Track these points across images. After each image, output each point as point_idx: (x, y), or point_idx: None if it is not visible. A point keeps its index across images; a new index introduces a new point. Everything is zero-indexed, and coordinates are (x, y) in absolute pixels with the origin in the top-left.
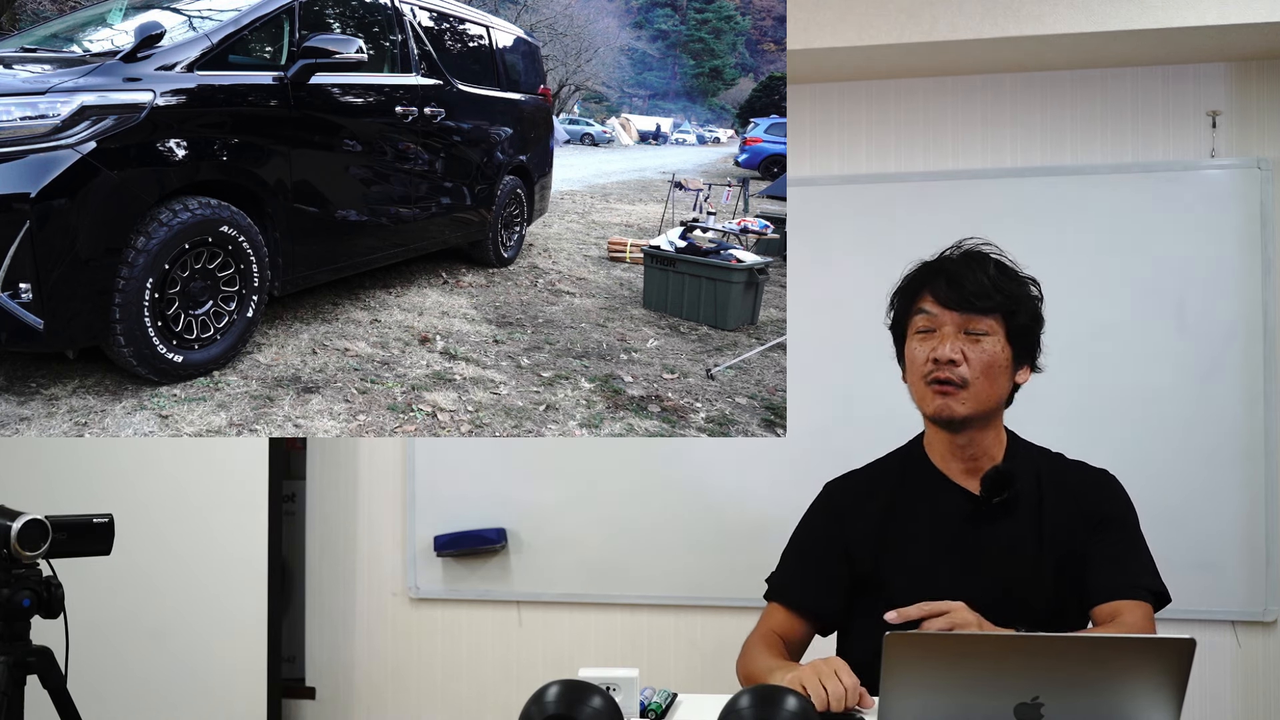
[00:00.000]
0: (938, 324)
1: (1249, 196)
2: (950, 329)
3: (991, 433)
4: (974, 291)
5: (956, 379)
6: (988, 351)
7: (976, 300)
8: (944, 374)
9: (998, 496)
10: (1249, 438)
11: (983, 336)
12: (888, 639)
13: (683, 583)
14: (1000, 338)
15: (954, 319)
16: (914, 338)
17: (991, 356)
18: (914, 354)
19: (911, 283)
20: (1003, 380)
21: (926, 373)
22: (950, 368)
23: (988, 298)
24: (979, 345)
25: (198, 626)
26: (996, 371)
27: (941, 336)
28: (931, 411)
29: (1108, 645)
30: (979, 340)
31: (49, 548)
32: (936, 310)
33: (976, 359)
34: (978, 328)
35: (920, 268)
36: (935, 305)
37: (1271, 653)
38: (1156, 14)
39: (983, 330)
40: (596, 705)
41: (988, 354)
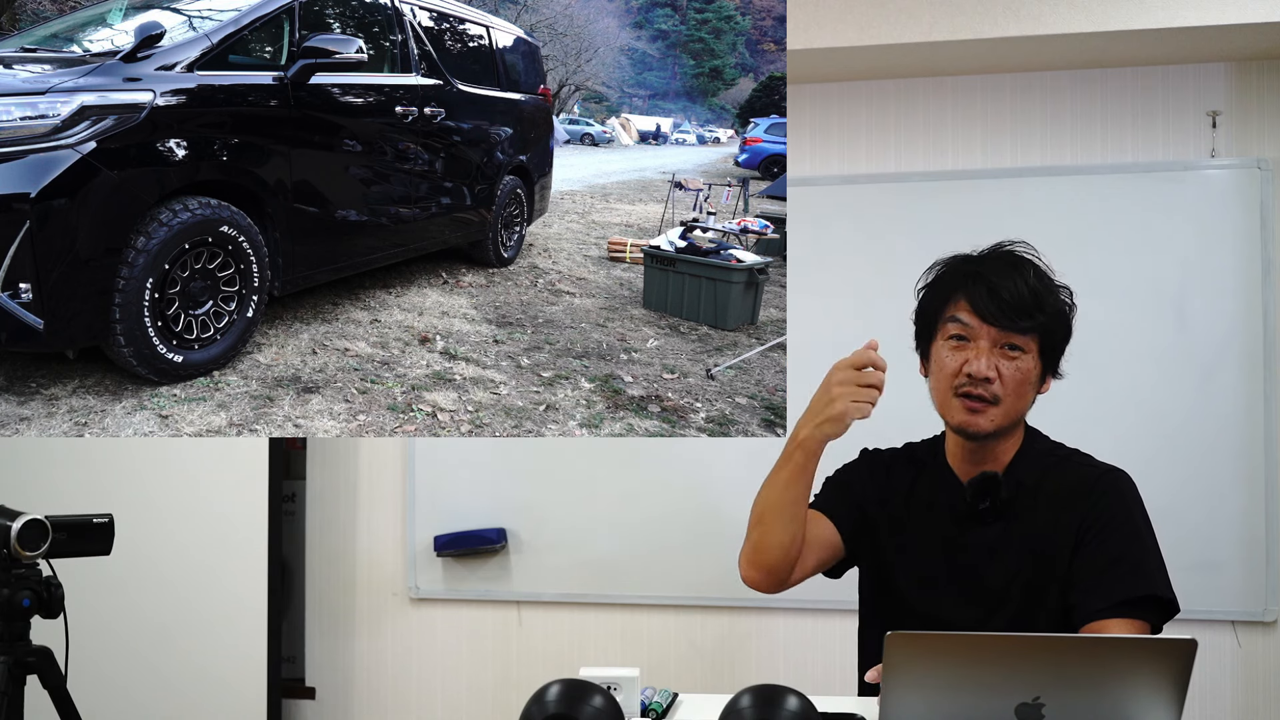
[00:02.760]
0: (973, 336)
1: (1249, 196)
2: (986, 343)
3: (1008, 441)
4: (1015, 306)
5: (989, 395)
6: (1021, 369)
7: (1017, 318)
8: (977, 390)
9: (982, 503)
10: (1248, 437)
11: (1019, 354)
12: (888, 639)
13: (683, 583)
14: (1034, 355)
15: (991, 334)
16: (944, 343)
17: (1025, 374)
18: (944, 361)
19: (945, 282)
20: (1030, 395)
21: (957, 385)
22: (984, 385)
23: (1029, 316)
24: (1014, 363)
25: (198, 626)
26: (1027, 388)
27: (977, 350)
28: (956, 424)
29: (1109, 645)
30: (1014, 358)
31: (49, 548)
32: (974, 322)
33: (1010, 376)
34: (1014, 343)
35: (956, 264)
36: (973, 317)
37: (1271, 653)
38: (1156, 14)
39: (1019, 347)
40: (597, 705)
41: (1021, 371)
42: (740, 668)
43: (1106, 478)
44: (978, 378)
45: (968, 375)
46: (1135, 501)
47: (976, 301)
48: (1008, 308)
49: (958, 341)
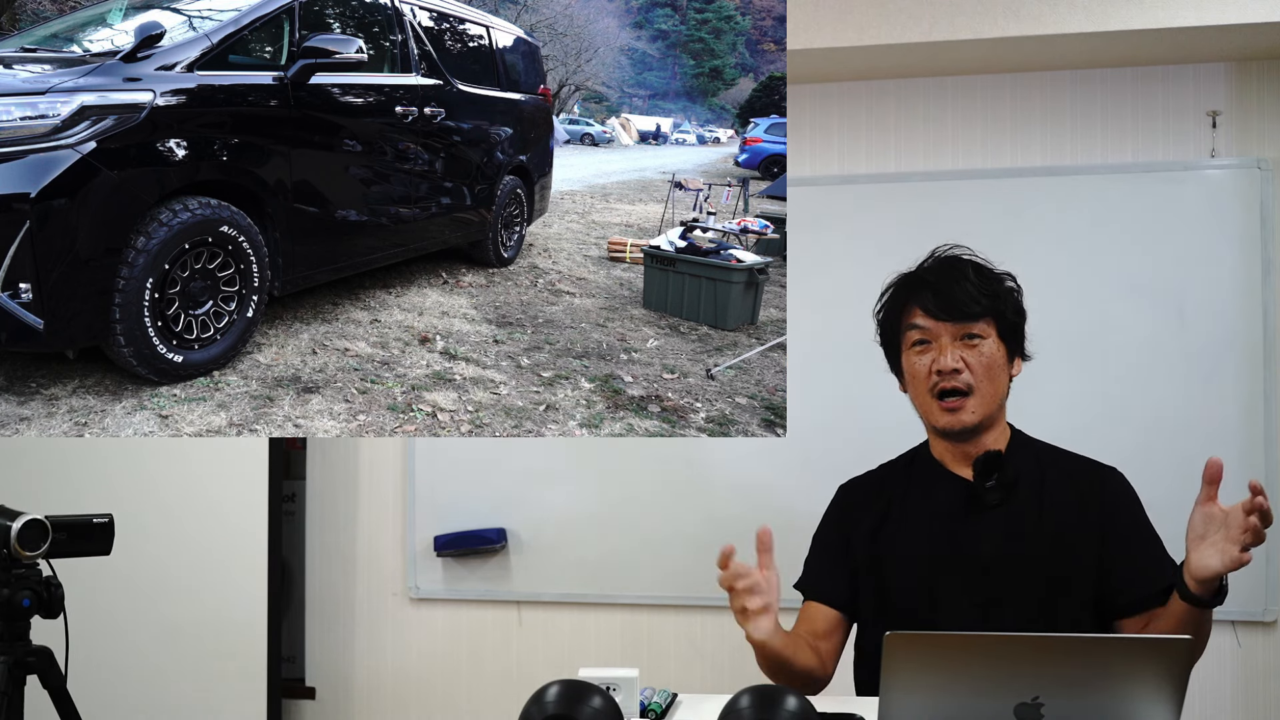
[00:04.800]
0: (933, 336)
1: (1249, 196)
2: (946, 339)
3: (995, 432)
4: (962, 299)
5: (963, 386)
6: (986, 354)
7: (966, 307)
8: (949, 384)
9: (989, 480)
10: (1248, 437)
11: (979, 340)
12: (888, 639)
13: (683, 583)
14: (994, 339)
15: (948, 329)
16: (910, 351)
17: (990, 358)
18: (914, 368)
19: (894, 298)
20: (1002, 378)
21: (932, 385)
22: (954, 377)
23: (976, 303)
24: (977, 350)
25: (198, 626)
26: (996, 371)
27: (940, 347)
28: (943, 426)
29: (1108, 645)
30: (976, 345)
31: (49, 548)
32: (929, 323)
33: (977, 363)
34: (972, 332)
35: (899, 281)
36: (927, 319)
37: (1271, 653)
38: (1156, 14)
39: (977, 334)
40: (596, 705)
41: (986, 356)
42: (740, 668)
43: (1111, 472)
44: (946, 371)
45: (937, 373)
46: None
47: (926, 304)
48: (956, 301)
49: (921, 345)
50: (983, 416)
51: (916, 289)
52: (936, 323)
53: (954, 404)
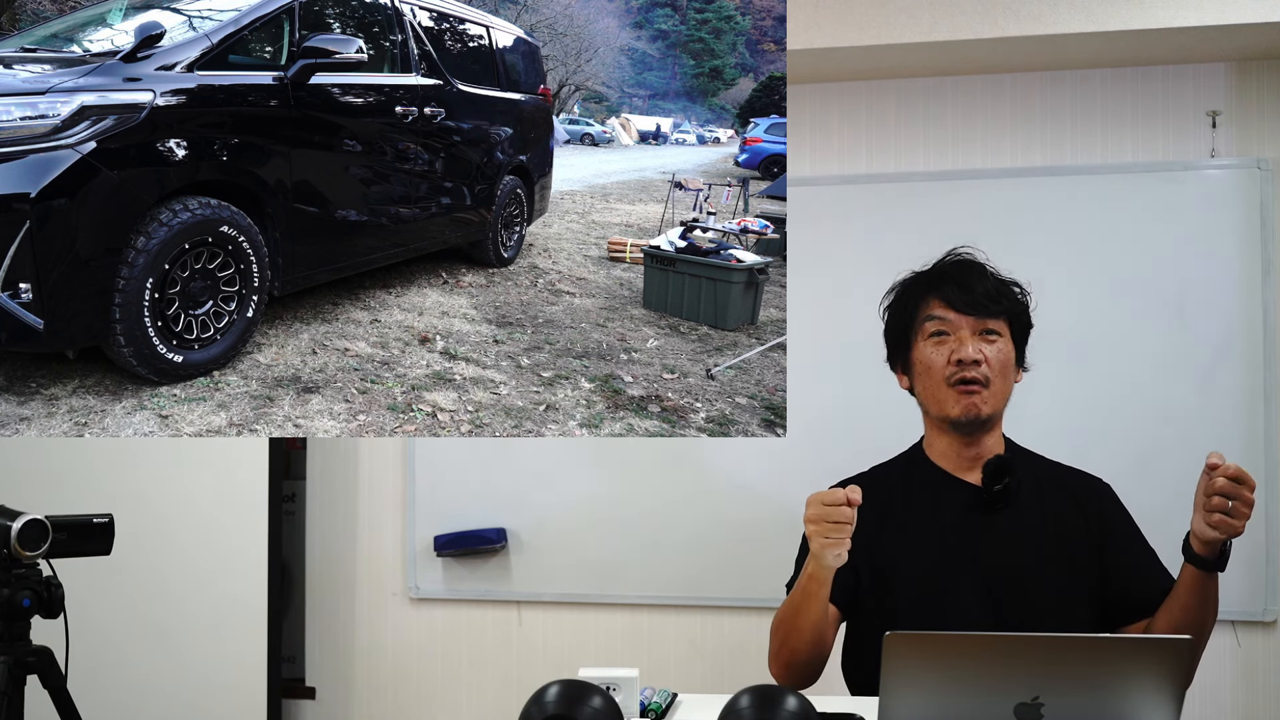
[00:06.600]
0: (953, 328)
1: (1249, 196)
2: (967, 332)
3: (996, 434)
4: (985, 294)
5: (981, 378)
6: (1002, 351)
7: (989, 303)
8: (969, 374)
9: (999, 484)
10: (1248, 437)
11: (996, 338)
12: (888, 639)
13: (683, 583)
14: (1008, 339)
15: (969, 322)
16: (927, 342)
17: (1005, 356)
18: (930, 358)
19: (912, 290)
20: (1011, 379)
21: (950, 375)
22: (974, 367)
23: (995, 302)
24: (994, 346)
25: (198, 627)
26: (1008, 370)
27: (960, 339)
28: (958, 413)
29: (1108, 645)
30: (994, 341)
31: (49, 548)
32: (951, 315)
33: (994, 358)
34: (990, 328)
35: (915, 277)
36: (948, 310)
37: (1271, 653)
38: (1156, 14)
39: (995, 331)
40: (596, 705)
41: (1002, 354)
42: (740, 668)
43: (1101, 483)
44: (967, 361)
45: (957, 362)
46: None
47: (950, 296)
48: (979, 296)
49: (939, 337)
50: (994, 410)
51: (937, 283)
52: (958, 315)
53: (971, 389)
